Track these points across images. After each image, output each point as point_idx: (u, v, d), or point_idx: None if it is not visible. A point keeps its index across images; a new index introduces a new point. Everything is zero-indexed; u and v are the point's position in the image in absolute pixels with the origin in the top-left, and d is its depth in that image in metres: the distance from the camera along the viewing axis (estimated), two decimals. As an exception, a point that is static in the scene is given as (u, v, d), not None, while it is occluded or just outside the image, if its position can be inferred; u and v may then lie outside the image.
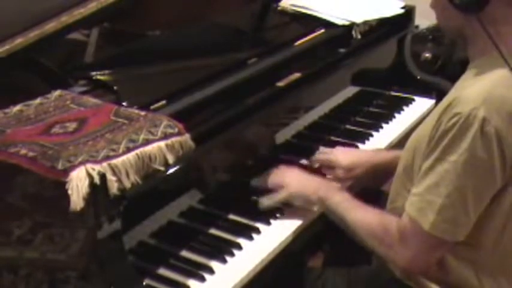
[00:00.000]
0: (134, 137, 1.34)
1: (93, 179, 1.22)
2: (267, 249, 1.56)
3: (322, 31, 2.15)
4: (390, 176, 1.66)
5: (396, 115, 2.23)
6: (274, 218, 1.65)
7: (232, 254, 1.52)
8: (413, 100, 2.33)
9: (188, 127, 1.41)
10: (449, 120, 1.35)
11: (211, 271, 1.46)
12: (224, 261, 1.50)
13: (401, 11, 2.35)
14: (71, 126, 1.38)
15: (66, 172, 1.22)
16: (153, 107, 1.55)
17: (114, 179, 1.24)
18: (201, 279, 1.44)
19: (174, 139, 1.36)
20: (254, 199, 1.69)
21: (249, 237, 1.58)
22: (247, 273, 1.48)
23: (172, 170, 1.44)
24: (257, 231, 1.60)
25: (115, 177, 1.25)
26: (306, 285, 1.67)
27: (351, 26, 2.19)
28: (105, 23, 1.91)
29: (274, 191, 1.67)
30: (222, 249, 1.53)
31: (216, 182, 1.69)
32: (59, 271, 1.34)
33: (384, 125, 2.16)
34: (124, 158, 1.28)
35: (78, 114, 1.44)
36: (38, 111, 1.46)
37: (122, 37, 1.94)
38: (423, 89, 2.37)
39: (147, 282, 1.42)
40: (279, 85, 1.85)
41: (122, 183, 1.26)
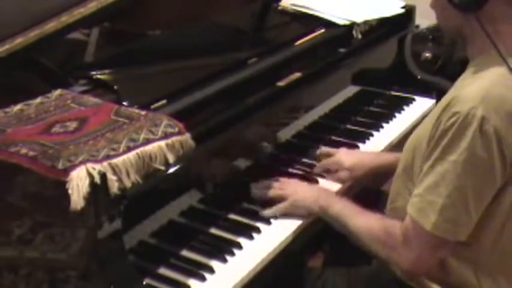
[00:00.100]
0: (135, 136, 1.34)
1: (93, 178, 1.22)
2: (267, 248, 1.56)
3: (323, 31, 2.15)
4: (391, 177, 1.66)
5: (396, 115, 2.23)
6: (275, 217, 1.65)
7: (232, 254, 1.52)
8: (414, 100, 2.33)
9: (188, 126, 1.40)
10: (448, 119, 1.35)
11: (211, 270, 1.46)
12: (224, 260, 1.50)
13: (402, 11, 2.35)
14: (72, 126, 1.38)
15: (67, 171, 1.22)
16: (153, 107, 1.55)
17: (114, 178, 1.24)
18: (202, 279, 1.44)
19: (175, 138, 1.36)
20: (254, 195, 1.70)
21: (250, 237, 1.58)
22: (247, 272, 1.48)
23: (172, 170, 1.44)
24: (257, 231, 1.61)
25: (115, 176, 1.25)
26: (306, 285, 1.68)
27: (352, 25, 2.19)
28: (105, 22, 1.91)
29: (275, 202, 1.67)
30: (222, 249, 1.53)
31: (216, 181, 1.69)
32: (59, 271, 1.34)
33: (384, 124, 2.15)
34: (124, 157, 1.28)
35: (79, 113, 1.44)
36: (38, 111, 1.46)
37: (122, 37, 1.94)
38: (423, 88, 2.38)
39: (148, 281, 1.42)
40: (280, 85, 1.85)
41: (122, 183, 1.26)
